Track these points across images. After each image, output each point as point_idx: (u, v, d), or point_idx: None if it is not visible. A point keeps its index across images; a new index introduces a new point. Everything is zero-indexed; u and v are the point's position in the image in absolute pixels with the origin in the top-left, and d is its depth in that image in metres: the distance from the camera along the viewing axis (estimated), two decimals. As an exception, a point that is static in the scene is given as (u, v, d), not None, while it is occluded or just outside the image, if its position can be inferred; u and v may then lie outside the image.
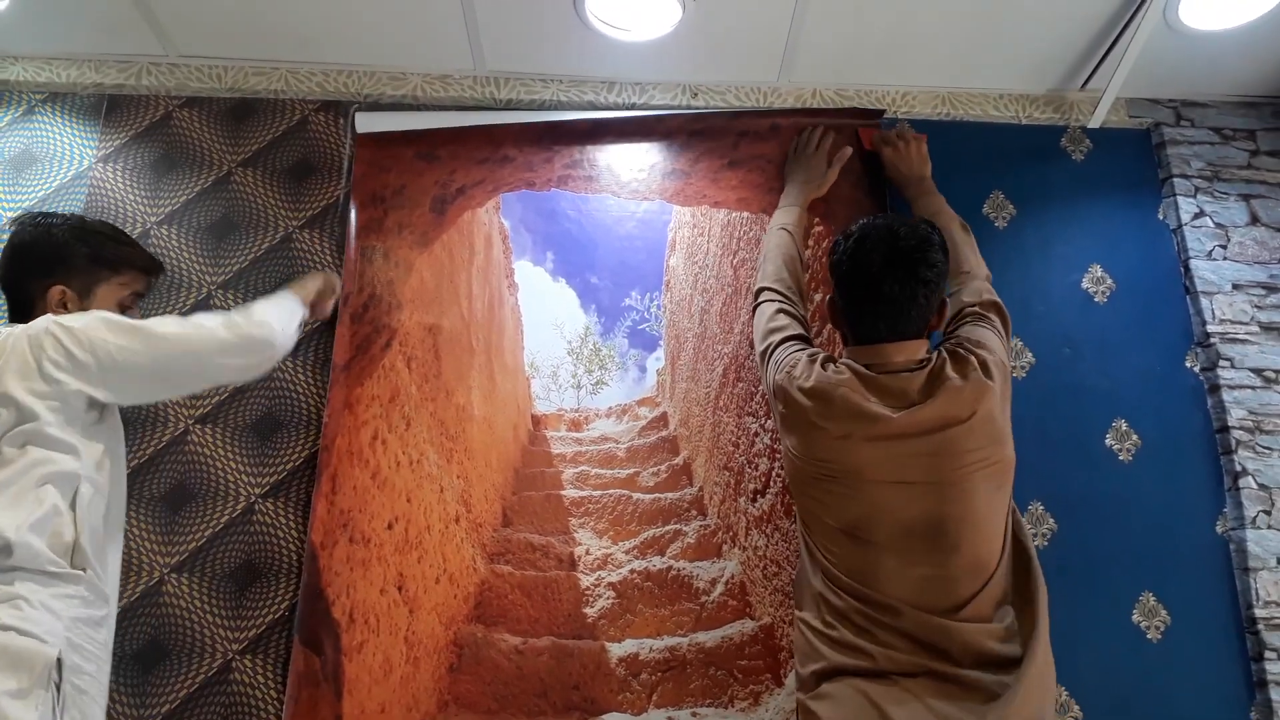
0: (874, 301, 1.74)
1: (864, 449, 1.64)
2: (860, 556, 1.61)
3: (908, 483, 1.61)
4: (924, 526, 1.59)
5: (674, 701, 2.11)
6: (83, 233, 1.72)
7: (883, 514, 1.61)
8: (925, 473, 1.61)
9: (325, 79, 2.60)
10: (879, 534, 1.61)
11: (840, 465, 1.66)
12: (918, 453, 1.61)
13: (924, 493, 1.60)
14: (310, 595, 2.14)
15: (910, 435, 1.61)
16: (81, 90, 2.61)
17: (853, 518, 1.64)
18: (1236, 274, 2.50)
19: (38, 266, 1.68)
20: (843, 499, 1.65)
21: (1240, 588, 2.25)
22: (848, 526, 1.64)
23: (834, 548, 1.66)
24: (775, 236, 2.20)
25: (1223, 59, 2.52)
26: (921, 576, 1.57)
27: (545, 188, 2.55)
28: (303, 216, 2.50)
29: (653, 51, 2.50)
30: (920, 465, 1.61)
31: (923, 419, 1.62)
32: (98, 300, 1.71)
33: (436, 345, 2.39)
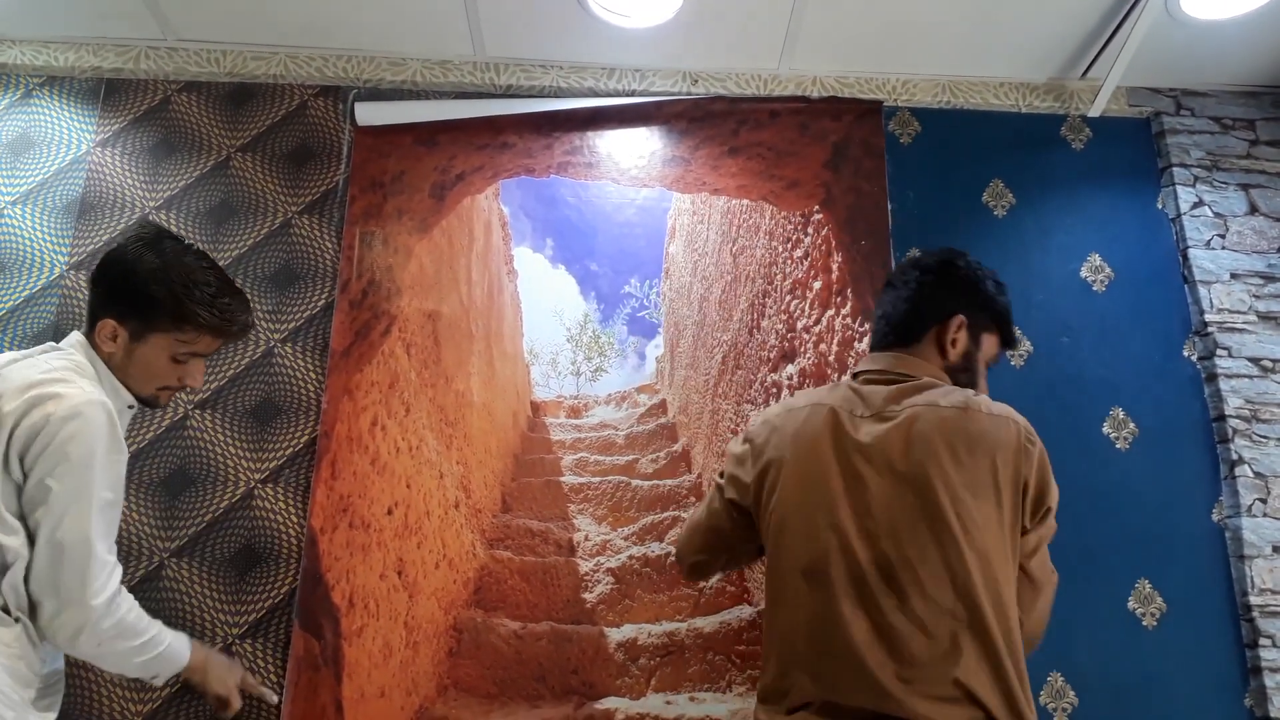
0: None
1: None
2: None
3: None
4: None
5: (672, 686, 2.12)
6: (162, 278, 1.57)
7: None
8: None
9: (324, 64, 2.59)
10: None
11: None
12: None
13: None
14: (310, 580, 2.14)
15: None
16: (79, 74, 2.60)
17: None
18: (1235, 263, 2.50)
19: (104, 290, 1.60)
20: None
21: (1235, 575, 2.26)
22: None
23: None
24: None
25: (1223, 48, 2.52)
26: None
27: (545, 174, 2.55)
28: (302, 202, 2.49)
29: (653, 38, 2.50)
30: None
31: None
32: (148, 348, 1.60)
33: (436, 331, 2.39)
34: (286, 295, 2.41)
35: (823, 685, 1.32)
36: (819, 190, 2.53)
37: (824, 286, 2.44)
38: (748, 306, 2.45)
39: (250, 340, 2.36)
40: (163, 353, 1.60)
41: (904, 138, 2.62)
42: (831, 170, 2.55)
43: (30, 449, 1.41)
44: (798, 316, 2.43)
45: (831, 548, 1.37)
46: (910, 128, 2.63)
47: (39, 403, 1.43)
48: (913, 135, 2.62)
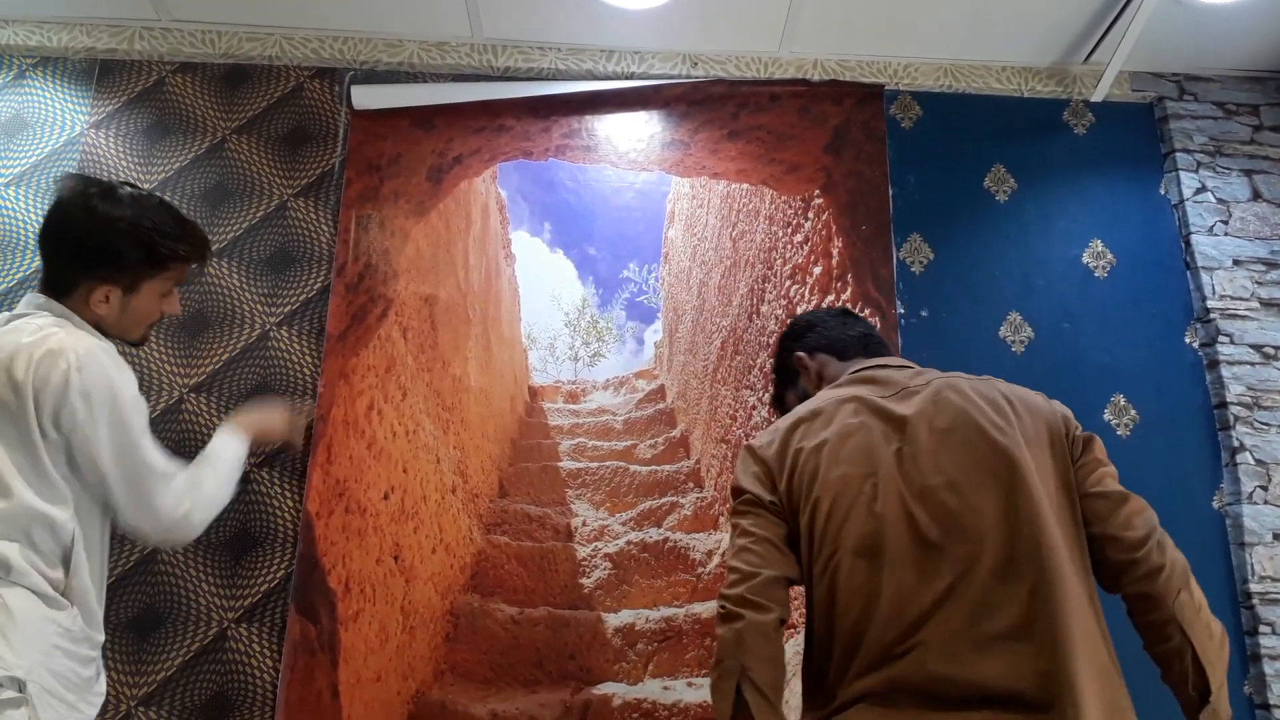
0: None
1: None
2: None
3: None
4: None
5: (670, 671, 2.11)
6: (139, 230, 1.57)
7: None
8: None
9: (320, 45, 2.57)
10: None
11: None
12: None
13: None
14: (306, 564, 2.13)
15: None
16: (73, 55, 2.57)
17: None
18: (1237, 249, 2.49)
19: (86, 258, 1.56)
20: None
21: (1236, 562, 2.25)
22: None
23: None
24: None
25: (1227, 33, 2.50)
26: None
27: (543, 157, 2.53)
28: (298, 184, 2.47)
29: (652, 20, 2.47)
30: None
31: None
32: (141, 297, 1.60)
33: (433, 315, 2.37)
34: (282, 278, 2.39)
35: (895, 663, 1.20)
36: (819, 174, 2.51)
37: (824, 272, 2.43)
38: (747, 291, 2.43)
39: (246, 324, 2.34)
40: (154, 295, 1.62)
41: (905, 122, 2.60)
42: (832, 154, 2.53)
43: (62, 409, 1.43)
44: (797, 302, 2.41)
45: (892, 518, 1.27)
46: (912, 112, 2.61)
47: (51, 362, 1.44)
48: (914, 119, 2.60)
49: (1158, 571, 1.28)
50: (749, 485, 1.42)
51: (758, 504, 1.40)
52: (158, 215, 1.60)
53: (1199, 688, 1.27)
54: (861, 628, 1.23)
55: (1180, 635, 1.27)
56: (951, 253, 2.48)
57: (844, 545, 1.28)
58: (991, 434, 1.31)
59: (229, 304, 2.36)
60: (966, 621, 1.18)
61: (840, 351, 1.63)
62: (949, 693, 1.16)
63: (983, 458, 1.29)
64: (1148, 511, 1.34)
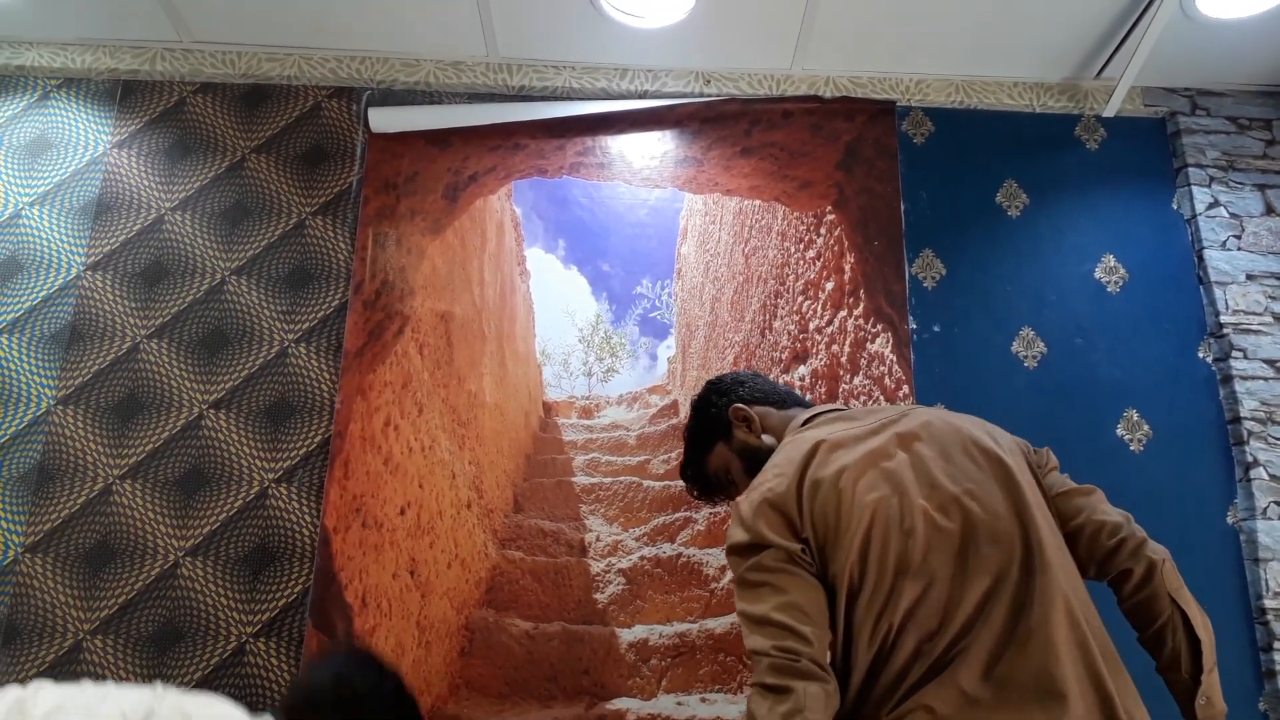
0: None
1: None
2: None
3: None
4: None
5: (683, 687, 2.12)
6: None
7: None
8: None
9: (338, 65, 2.61)
10: None
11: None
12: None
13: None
14: (323, 579, 2.16)
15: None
16: (96, 76, 2.62)
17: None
18: (1250, 264, 2.48)
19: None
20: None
21: (1250, 578, 2.25)
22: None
23: None
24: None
25: (1240, 48, 2.51)
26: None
27: (557, 175, 2.56)
28: (316, 203, 2.51)
29: (665, 38, 2.50)
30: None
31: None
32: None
33: (449, 332, 2.39)
34: (300, 296, 2.42)
35: (950, 669, 1.19)
36: (831, 191, 2.53)
37: (836, 287, 2.44)
38: (760, 307, 2.45)
39: (265, 340, 2.38)
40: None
41: (917, 138, 2.61)
42: (844, 171, 2.54)
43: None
44: (810, 317, 2.43)
45: (926, 532, 1.26)
46: (923, 128, 2.62)
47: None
48: (926, 135, 2.61)
49: (1143, 543, 1.36)
50: (772, 538, 1.30)
51: (789, 559, 1.29)
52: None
53: (1191, 671, 1.30)
54: (912, 645, 1.22)
55: (1172, 605, 1.32)
56: (964, 268, 2.49)
57: (887, 568, 1.25)
58: (986, 444, 1.35)
59: (248, 321, 2.40)
60: (1008, 619, 1.21)
61: (777, 402, 1.60)
62: (998, 693, 1.18)
63: (985, 465, 1.33)
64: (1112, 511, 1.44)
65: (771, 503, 1.33)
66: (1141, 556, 1.35)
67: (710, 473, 1.65)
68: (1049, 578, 1.23)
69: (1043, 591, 1.22)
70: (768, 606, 1.25)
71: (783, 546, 1.29)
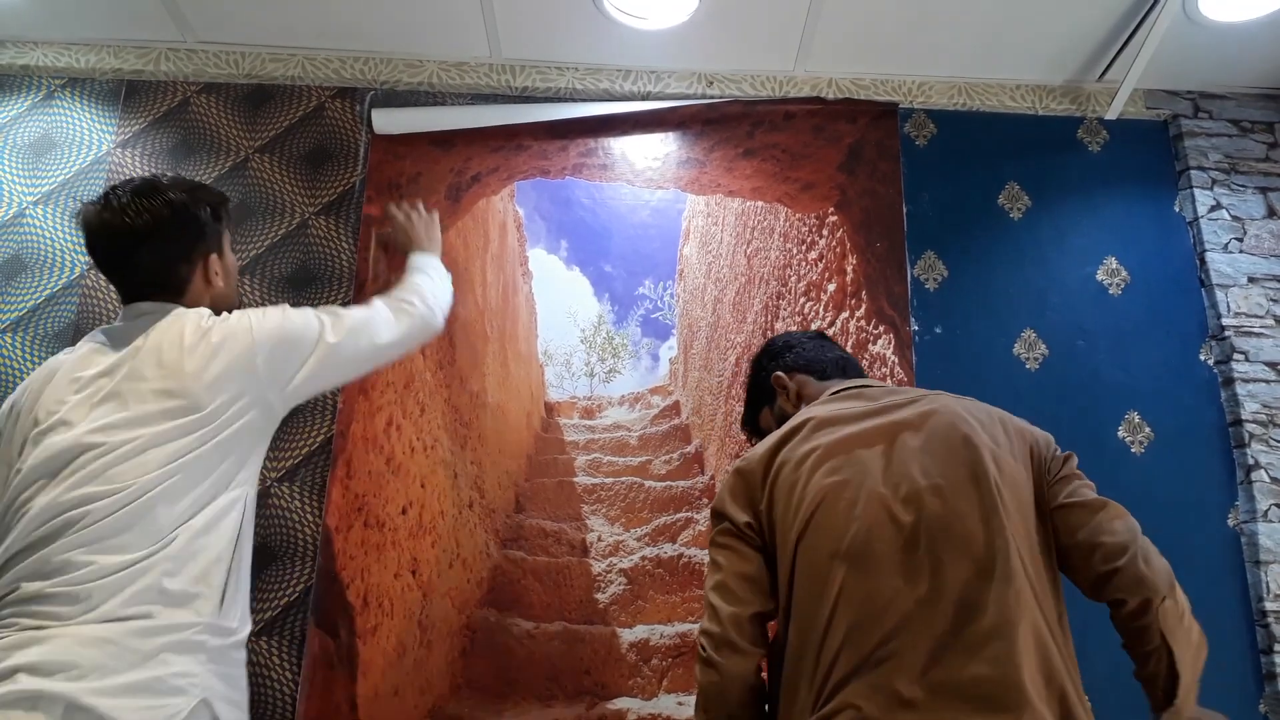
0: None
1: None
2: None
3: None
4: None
5: (684, 687, 2.12)
6: (194, 198, 1.63)
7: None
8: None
9: (342, 65, 2.61)
10: None
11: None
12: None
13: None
14: (325, 578, 2.16)
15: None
16: (100, 75, 2.62)
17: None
18: (1253, 267, 2.49)
19: (183, 243, 1.61)
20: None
21: (1251, 580, 2.25)
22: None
23: None
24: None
25: (1242, 51, 2.51)
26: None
27: (560, 176, 2.56)
28: (319, 203, 2.51)
29: (669, 40, 2.50)
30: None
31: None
32: (228, 253, 1.72)
33: (451, 332, 2.40)
34: (303, 296, 2.42)
35: (880, 667, 1.18)
36: (834, 192, 2.53)
37: (838, 289, 2.45)
38: (762, 308, 2.46)
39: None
40: (230, 249, 1.74)
41: (919, 140, 2.61)
42: (846, 172, 2.55)
43: (233, 359, 1.50)
44: (812, 319, 2.43)
45: (875, 521, 1.27)
46: (926, 130, 2.62)
47: (230, 331, 1.53)
48: (928, 137, 2.62)
49: (1141, 581, 1.28)
50: (727, 509, 1.42)
51: (734, 533, 1.40)
52: (182, 182, 1.66)
53: (1168, 691, 1.29)
54: (842, 633, 1.22)
55: (1160, 641, 1.28)
56: (966, 270, 2.49)
57: (823, 550, 1.28)
58: (971, 439, 1.33)
59: (251, 320, 2.40)
60: (952, 623, 1.19)
61: (819, 372, 1.64)
62: (934, 697, 1.15)
63: (962, 461, 1.31)
64: (1128, 518, 1.36)
65: (741, 473, 1.43)
66: (1138, 590, 1.28)
67: (764, 431, 1.70)
68: (1011, 587, 1.20)
69: (1000, 599, 1.19)
70: (710, 584, 1.38)
71: (731, 519, 1.40)
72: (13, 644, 1.27)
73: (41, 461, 1.40)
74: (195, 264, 1.62)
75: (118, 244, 1.56)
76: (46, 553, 1.33)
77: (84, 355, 1.53)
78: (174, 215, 1.58)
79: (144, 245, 1.56)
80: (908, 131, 2.61)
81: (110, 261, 1.60)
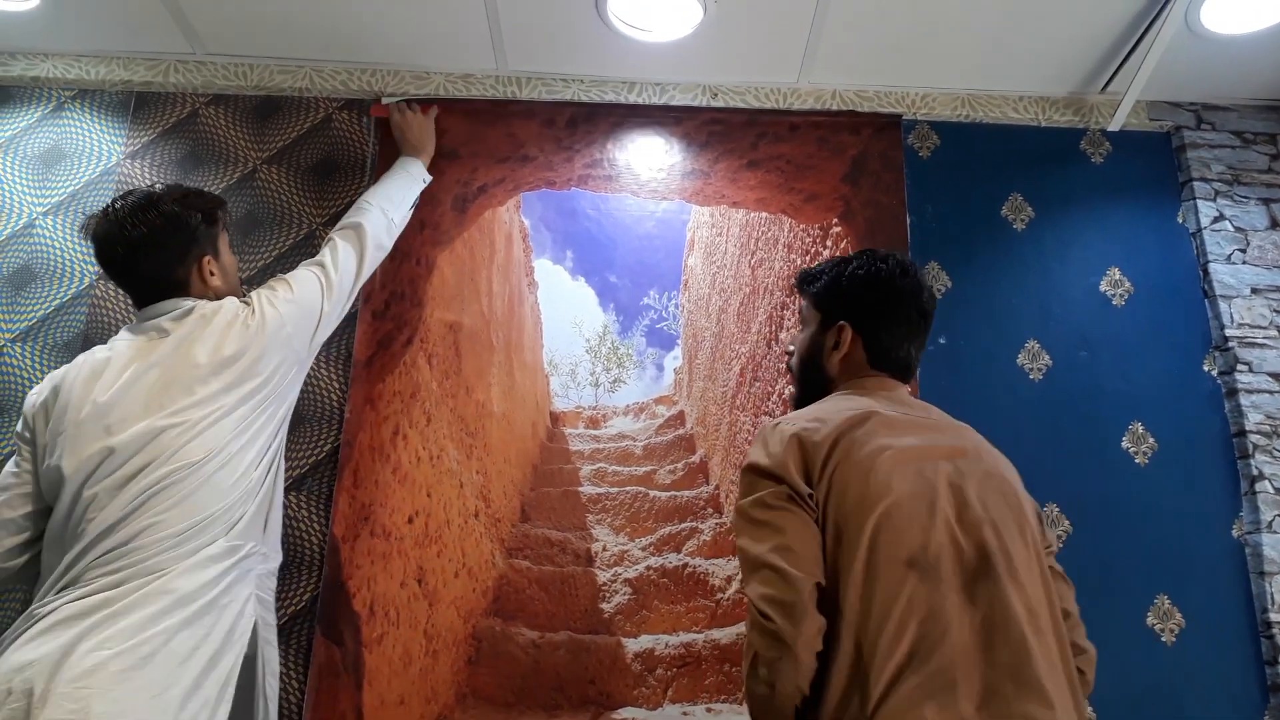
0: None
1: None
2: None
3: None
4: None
5: (689, 697, 2.13)
6: (189, 204, 1.82)
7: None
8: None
9: (349, 77, 2.63)
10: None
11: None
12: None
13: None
14: (332, 587, 2.17)
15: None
16: (110, 87, 2.64)
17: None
18: (1256, 278, 2.49)
19: (178, 250, 1.79)
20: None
21: (1255, 592, 2.25)
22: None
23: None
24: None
25: (1244, 63, 2.52)
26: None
27: (565, 187, 2.58)
28: (326, 213, 2.53)
29: (673, 52, 2.52)
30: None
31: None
32: (226, 251, 1.91)
33: (457, 342, 2.41)
34: (310, 305, 2.44)
35: (945, 694, 1.17)
36: (838, 203, 2.54)
37: (842, 299, 2.45)
38: (766, 319, 2.47)
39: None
40: (228, 248, 1.93)
41: (923, 151, 2.63)
42: (850, 184, 2.56)
43: (270, 334, 1.77)
44: (816, 329, 2.44)
45: (943, 539, 1.27)
46: (929, 141, 2.64)
47: (259, 310, 1.79)
48: (931, 149, 2.63)
49: (1086, 652, 1.44)
50: (789, 474, 1.32)
51: (794, 499, 1.31)
52: (175, 191, 1.84)
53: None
54: (907, 645, 1.20)
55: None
56: (969, 281, 2.50)
57: (900, 555, 1.25)
58: (1017, 489, 1.39)
59: (258, 330, 2.41)
60: (1010, 662, 1.20)
61: (877, 354, 1.56)
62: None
63: (1012, 507, 1.35)
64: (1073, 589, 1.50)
65: (803, 441, 1.34)
66: (1087, 663, 1.43)
67: (802, 304, 1.67)
68: (1053, 635, 1.25)
69: (1045, 646, 1.23)
70: (764, 547, 1.28)
71: (793, 484, 1.31)
72: (92, 606, 1.46)
73: (110, 453, 1.57)
74: (190, 266, 1.81)
75: (119, 254, 1.76)
76: (137, 524, 1.53)
77: (120, 354, 1.71)
78: (166, 224, 1.77)
79: (140, 253, 1.75)
80: (911, 143, 2.63)
81: (116, 270, 1.79)
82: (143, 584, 1.48)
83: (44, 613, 1.48)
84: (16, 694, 1.36)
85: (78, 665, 1.39)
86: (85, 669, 1.38)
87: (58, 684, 1.36)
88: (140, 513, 1.53)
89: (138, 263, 1.76)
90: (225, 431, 1.64)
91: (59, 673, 1.38)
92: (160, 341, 1.71)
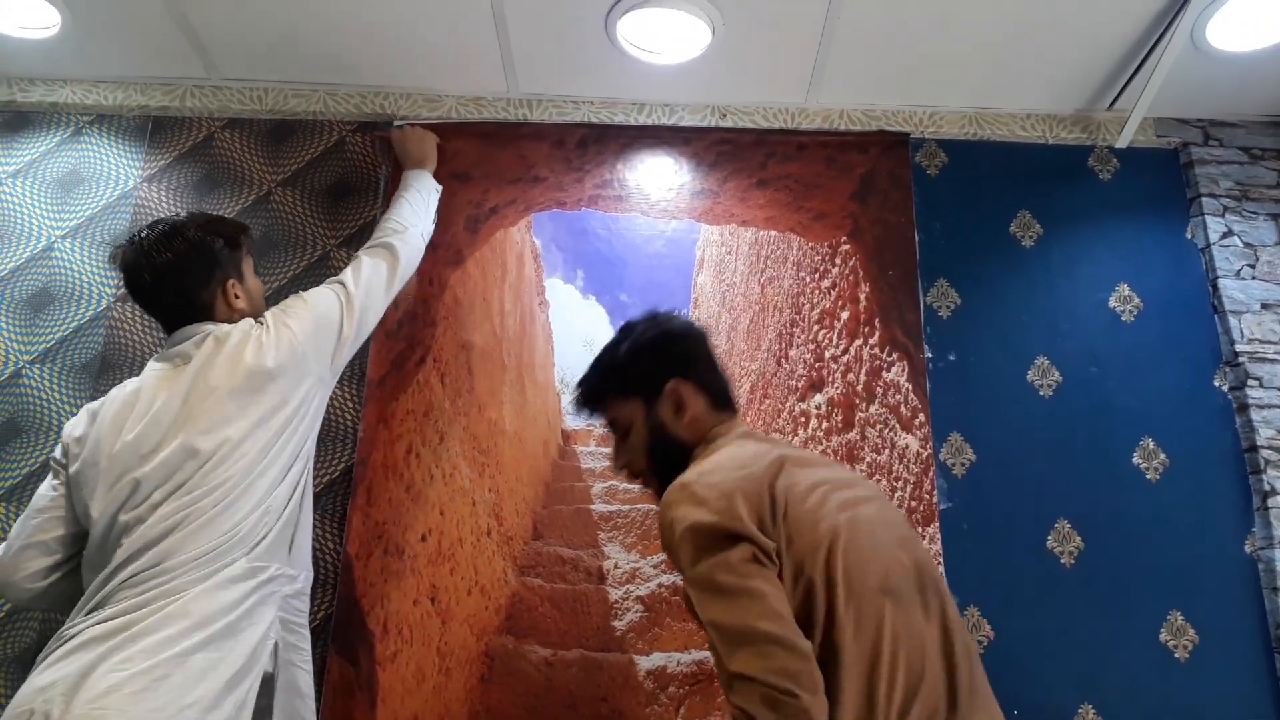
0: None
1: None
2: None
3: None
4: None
5: (701, 715, 2.13)
6: (211, 228, 1.88)
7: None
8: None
9: (362, 100, 2.67)
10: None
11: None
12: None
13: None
14: (346, 605, 2.18)
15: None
16: (127, 112, 2.69)
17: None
18: (1265, 293, 2.50)
19: (200, 274, 1.84)
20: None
21: (1269, 607, 2.24)
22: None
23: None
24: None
25: (1251, 79, 2.53)
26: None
27: (576, 207, 2.60)
28: (340, 235, 2.56)
29: (682, 74, 2.55)
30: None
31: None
32: (248, 277, 1.95)
33: (469, 361, 2.43)
34: (324, 326, 2.46)
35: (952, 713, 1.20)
36: (846, 221, 2.56)
37: (851, 316, 2.47)
38: (775, 336, 2.48)
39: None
40: (251, 271, 1.98)
41: (931, 169, 2.64)
42: (859, 202, 2.58)
43: (285, 350, 1.78)
44: (825, 346, 2.45)
45: (893, 559, 1.30)
46: (937, 159, 2.65)
47: (276, 334, 1.80)
48: (939, 167, 2.65)
49: None
50: (749, 532, 1.22)
51: (759, 558, 1.22)
52: (198, 218, 1.90)
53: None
54: (903, 673, 1.19)
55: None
56: (978, 298, 2.51)
57: (869, 585, 1.23)
58: (905, 522, 1.50)
59: (273, 351, 2.44)
60: (966, 669, 1.26)
61: (717, 398, 1.56)
62: None
63: (903, 518, 1.47)
64: None
65: (747, 494, 1.25)
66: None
67: (610, 415, 1.60)
68: (972, 641, 1.33)
69: (973, 649, 1.31)
70: (751, 616, 1.16)
71: (758, 542, 1.21)
72: (115, 628, 1.49)
73: (138, 485, 1.62)
74: (215, 290, 1.85)
75: (146, 281, 1.81)
76: (162, 547, 1.56)
77: (148, 386, 1.74)
78: (190, 249, 1.82)
79: (166, 279, 1.80)
80: (919, 161, 2.64)
81: (144, 298, 1.84)
82: (163, 605, 1.51)
83: (71, 634, 1.51)
84: (38, 715, 1.38)
85: (95, 686, 1.41)
86: (102, 689, 1.40)
87: (75, 705, 1.39)
88: (166, 537, 1.57)
89: (164, 288, 1.81)
90: (243, 454, 1.67)
91: (77, 694, 1.40)
92: (183, 368, 1.75)
